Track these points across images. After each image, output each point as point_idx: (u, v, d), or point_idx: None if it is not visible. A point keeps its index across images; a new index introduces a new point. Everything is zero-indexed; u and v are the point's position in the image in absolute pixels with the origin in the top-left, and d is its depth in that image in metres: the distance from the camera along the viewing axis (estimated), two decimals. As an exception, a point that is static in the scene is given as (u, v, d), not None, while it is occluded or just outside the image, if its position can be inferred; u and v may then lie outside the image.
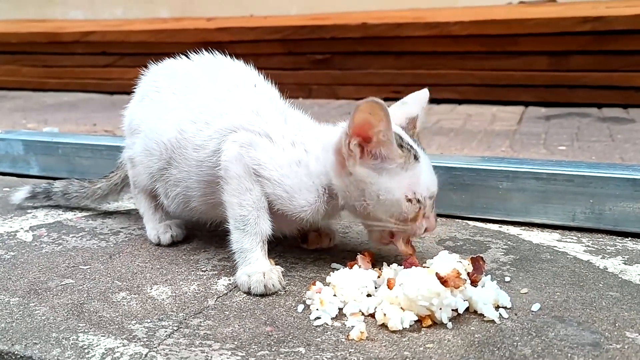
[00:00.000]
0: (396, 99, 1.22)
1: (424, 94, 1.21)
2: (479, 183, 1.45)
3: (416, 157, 1.08)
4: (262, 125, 1.16)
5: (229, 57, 1.31)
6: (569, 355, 0.87)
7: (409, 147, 1.08)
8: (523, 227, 1.43)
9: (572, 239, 1.35)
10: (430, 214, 1.11)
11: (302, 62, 3.73)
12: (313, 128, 1.21)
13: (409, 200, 1.07)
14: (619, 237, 1.35)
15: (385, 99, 1.03)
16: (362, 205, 1.09)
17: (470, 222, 1.47)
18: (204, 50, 1.32)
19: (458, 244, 1.33)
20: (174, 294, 1.10)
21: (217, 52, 1.32)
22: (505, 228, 1.43)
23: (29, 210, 1.61)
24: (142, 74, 1.37)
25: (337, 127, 1.16)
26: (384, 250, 1.23)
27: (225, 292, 1.11)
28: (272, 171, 1.12)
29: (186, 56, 1.33)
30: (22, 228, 1.48)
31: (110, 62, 4.21)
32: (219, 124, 1.18)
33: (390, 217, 1.08)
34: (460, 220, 1.48)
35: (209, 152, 1.17)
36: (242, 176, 1.11)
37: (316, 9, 4.08)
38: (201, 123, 1.19)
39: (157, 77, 1.34)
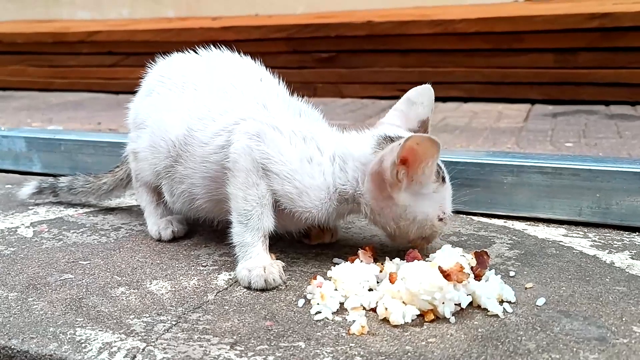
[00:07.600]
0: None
1: (429, 91, 1.19)
2: (483, 178, 1.43)
3: (444, 179, 1.12)
4: (270, 119, 1.14)
5: (236, 53, 1.30)
6: (575, 349, 0.85)
7: (439, 170, 1.10)
8: (528, 222, 1.40)
9: (578, 233, 1.33)
10: None
11: (307, 60, 3.72)
12: (328, 129, 1.20)
13: (441, 220, 1.11)
14: (626, 232, 1.32)
15: (391, 97, 1.02)
16: (395, 224, 1.11)
17: (475, 217, 1.45)
18: (211, 46, 1.31)
19: (462, 239, 1.31)
20: (173, 289, 1.09)
21: (224, 47, 1.30)
22: (510, 223, 1.41)
23: (30, 207, 1.60)
24: (149, 68, 1.36)
25: (363, 137, 1.15)
26: (386, 246, 1.21)
27: (226, 286, 1.10)
28: (281, 166, 1.09)
29: (194, 51, 1.32)
30: (22, 224, 1.47)
31: (115, 61, 4.21)
32: (224, 120, 1.16)
33: (420, 234, 1.12)
34: (464, 216, 1.46)
35: (214, 148, 1.15)
36: (250, 170, 1.09)
37: (321, 8, 4.06)
38: (208, 120, 1.17)
39: (164, 71, 1.32)
